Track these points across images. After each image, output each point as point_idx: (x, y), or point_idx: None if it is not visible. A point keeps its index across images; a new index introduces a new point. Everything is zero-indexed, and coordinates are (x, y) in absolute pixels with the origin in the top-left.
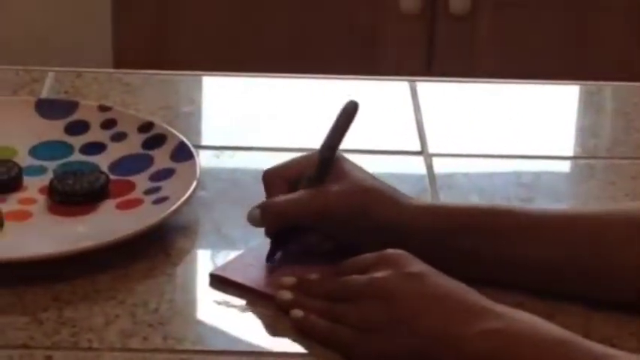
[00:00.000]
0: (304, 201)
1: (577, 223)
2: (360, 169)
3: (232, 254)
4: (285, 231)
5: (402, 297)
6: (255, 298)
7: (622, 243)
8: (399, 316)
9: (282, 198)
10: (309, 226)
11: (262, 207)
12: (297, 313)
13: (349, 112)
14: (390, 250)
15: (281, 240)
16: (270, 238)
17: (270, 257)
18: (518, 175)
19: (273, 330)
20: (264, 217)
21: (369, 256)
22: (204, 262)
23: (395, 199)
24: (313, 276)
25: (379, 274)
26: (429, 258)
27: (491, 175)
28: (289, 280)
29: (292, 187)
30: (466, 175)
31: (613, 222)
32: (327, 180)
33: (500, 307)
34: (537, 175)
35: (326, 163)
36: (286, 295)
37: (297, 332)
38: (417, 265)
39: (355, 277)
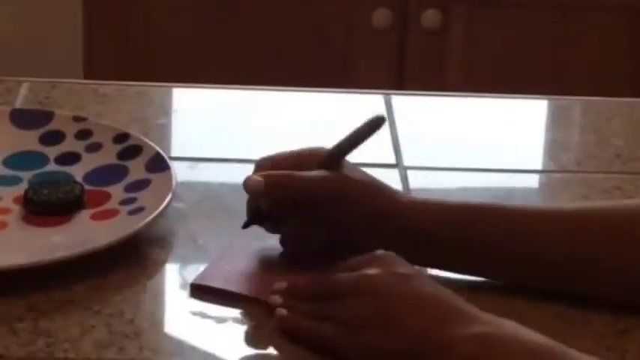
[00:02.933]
0: (306, 178)
1: (564, 217)
2: (357, 167)
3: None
4: (264, 211)
5: (389, 295)
6: (233, 308)
7: (616, 236)
8: (386, 314)
9: (285, 172)
10: (304, 214)
11: (266, 176)
12: (282, 311)
13: (373, 125)
14: (380, 251)
15: (260, 217)
16: (252, 212)
17: (246, 226)
18: (492, 188)
19: (251, 340)
20: (267, 186)
21: (358, 258)
22: (180, 272)
23: (388, 191)
24: (302, 280)
25: (368, 272)
26: (420, 252)
27: (465, 189)
28: (280, 284)
29: None
30: (441, 187)
31: (605, 215)
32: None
33: (485, 315)
34: (511, 189)
35: (335, 158)
36: (277, 299)
37: (282, 333)
38: (406, 267)
39: (343, 274)
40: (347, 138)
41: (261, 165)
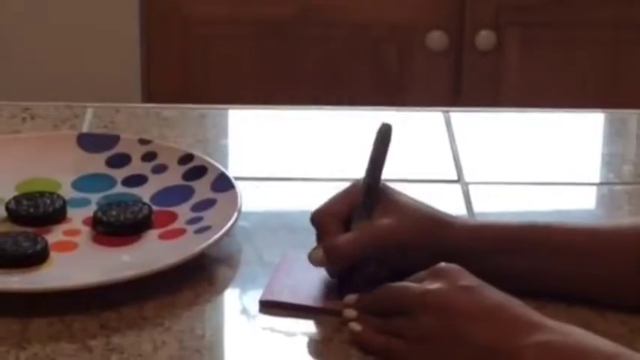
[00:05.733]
0: (364, 238)
1: (621, 235)
2: (407, 196)
3: None
4: (348, 269)
5: (454, 309)
6: (301, 320)
7: None
8: (451, 328)
9: (342, 239)
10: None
11: (326, 249)
12: (356, 326)
13: (384, 135)
14: (443, 264)
15: (346, 276)
16: (334, 277)
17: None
18: (553, 201)
19: (320, 354)
20: (329, 259)
21: (423, 272)
22: (248, 289)
23: (444, 222)
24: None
25: (432, 286)
26: (482, 276)
27: (526, 202)
28: (350, 298)
29: (344, 223)
30: (502, 202)
31: None
32: (378, 210)
33: (551, 322)
34: (572, 202)
35: (371, 190)
36: (352, 313)
37: (355, 346)
38: (470, 279)
39: (410, 286)
40: (371, 162)
41: (318, 222)
